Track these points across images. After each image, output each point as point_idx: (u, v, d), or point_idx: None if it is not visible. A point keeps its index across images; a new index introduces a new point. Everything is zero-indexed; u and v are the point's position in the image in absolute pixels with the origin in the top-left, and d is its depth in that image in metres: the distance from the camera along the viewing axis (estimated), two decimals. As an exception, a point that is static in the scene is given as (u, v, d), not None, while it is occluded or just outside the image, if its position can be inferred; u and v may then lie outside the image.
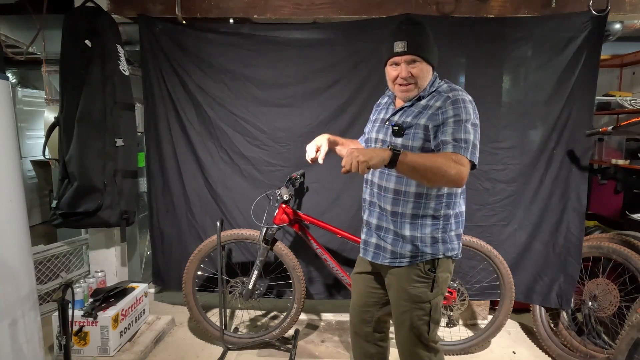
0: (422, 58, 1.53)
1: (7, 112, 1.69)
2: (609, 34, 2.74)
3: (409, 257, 1.60)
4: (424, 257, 1.58)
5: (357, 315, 1.86)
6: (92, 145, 2.43)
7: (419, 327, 1.62)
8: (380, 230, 1.66)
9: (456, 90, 1.53)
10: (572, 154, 2.57)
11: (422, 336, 1.63)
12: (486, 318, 2.89)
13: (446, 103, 1.49)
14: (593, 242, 2.57)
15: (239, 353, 2.57)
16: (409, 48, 1.50)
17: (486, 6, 2.57)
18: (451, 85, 1.58)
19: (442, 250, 1.59)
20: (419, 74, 1.53)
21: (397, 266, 1.63)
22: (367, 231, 1.73)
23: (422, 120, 1.52)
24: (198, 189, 2.79)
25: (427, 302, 1.60)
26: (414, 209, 1.58)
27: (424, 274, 1.59)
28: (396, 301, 1.67)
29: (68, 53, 2.44)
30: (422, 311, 1.61)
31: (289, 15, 2.65)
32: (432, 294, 1.60)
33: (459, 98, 1.49)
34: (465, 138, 1.44)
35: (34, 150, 5.03)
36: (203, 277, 2.77)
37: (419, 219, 1.58)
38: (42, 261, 2.94)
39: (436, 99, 1.53)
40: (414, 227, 1.59)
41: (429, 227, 1.58)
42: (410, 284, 1.60)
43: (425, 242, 1.58)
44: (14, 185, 1.72)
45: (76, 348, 2.34)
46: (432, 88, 1.58)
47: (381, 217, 1.65)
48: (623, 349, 1.90)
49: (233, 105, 2.70)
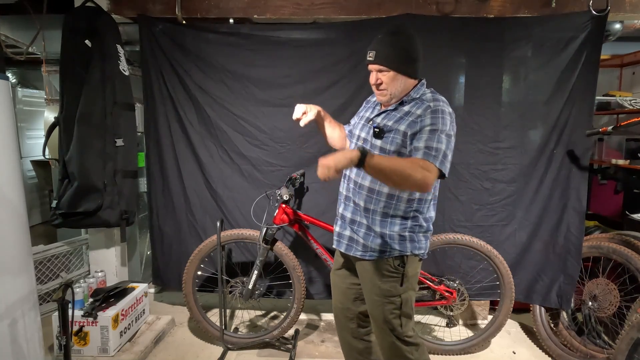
0: (389, 68, 1.59)
1: (7, 112, 1.69)
2: (609, 34, 2.74)
3: (378, 251, 1.68)
4: (392, 253, 1.67)
5: (340, 313, 1.92)
6: (92, 145, 2.43)
7: (391, 321, 1.70)
8: (354, 224, 1.74)
9: (438, 101, 1.60)
10: (572, 154, 2.57)
11: (395, 330, 1.71)
12: (486, 318, 2.89)
13: (426, 112, 1.56)
14: (593, 242, 2.57)
15: (239, 353, 2.57)
16: (375, 58, 1.60)
17: (486, 6, 2.57)
18: (435, 95, 1.64)
19: (409, 248, 1.67)
20: (388, 82, 1.61)
21: (367, 259, 1.71)
22: (342, 224, 1.80)
23: (402, 126, 1.59)
24: (198, 189, 2.79)
25: (397, 296, 1.69)
26: (385, 208, 1.66)
27: (394, 269, 1.68)
28: (369, 296, 1.75)
29: (68, 53, 2.44)
30: (392, 305, 1.69)
31: (289, 15, 2.65)
32: (402, 289, 1.69)
33: (439, 109, 1.56)
34: (437, 147, 1.50)
35: (34, 150, 5.03)
36: (203, 277, 2.77)
37: (389, 217, 1.66)
38: (42, 261, 2.94)
39: (418, 107, 1.60)
40: (383, 225, 1.67)
41: (398, 226, 1.66)
42: (381, 279, 1.69)
43: (394, 239, 1.67)
44: (14, 185, 1.72)
45: (76, 348, 2.34)
46: (415, 94, 1.64)
47: (355, 211, 1.73)
48: (623, 349, 1.90)
49: (233, 105, 2.70)
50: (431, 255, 2.67)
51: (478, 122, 2.62)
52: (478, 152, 2.63)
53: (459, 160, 2.64)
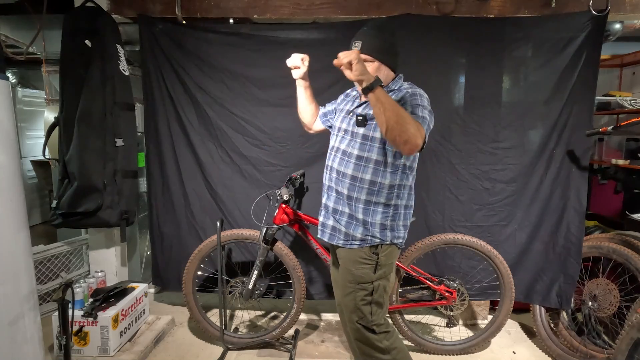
0: (374, 58, 1.69)
1: (7, 112, 1.69)
2: (609, 34, 2.75)
3: (359, 239, 1.74)
4: (373, 241, 1.73)
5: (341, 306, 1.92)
6: (92, 145, 2.43)
7: (361, 308, 1.75)
8: (337, 213, 1.80)
9: (415, 87, 1.72)
10: (572, 154, 2.58)
11: (365, 317, 1.75)
12: (486, 318, 2.89)
13: (406, 96, 1.68)
14: (593, 242, 2.57)
15: (239, 353, 2.57)
16: (362, 48, 1.68)
17: (486, 6, 2.57)
18: (413, 86, 1.75)
19: (389, 237, 1.74)
20: (372, 72, 1.66)
21: (348, 247, 1.76)
22: (325, 214, 1.87)
23: None
24: (198, 189, 2.79)
25: (369, 282, 1.74)
26: (368, 196, 1.72)
27: (368, 257, 1.74)
28: (342, 283, 1.79)
29: (68, 53, 2.44)
30: (364, 291, 1.74)
31: (289, 15, 2.65)
32: (375, 276, 1.74)
33: (417, 92, 1.68)
34: (422, 116, 1.60)
35: (34, 150, 5.03)
36: (203, 277, 2.77)
37: (372, 205, 1.73)
38: (42, 261, 2.94)
39: (397, 95, 1.71)
40: (366, 212, 1.73)
41: (380, 215, 1.73)
42: (355, 266, 1.75)
43: (375, 227, 1.73)
44: (14, 185, 1.72)
45: (76, 348, 2.34)
46: (394, 86, 1.76)
47: (338, 200, 1.79)
48: (623, 349, 1.90)
49: (233, 105, 2.70)
50: (431, 255, 2.67)
51: (478, 122, 2.62)
52: (478, 152, 2.63)
53: (459, 160, 2.65)
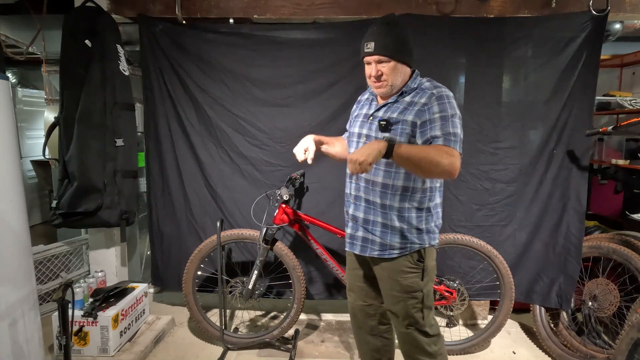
0: (390, 58, 1.59)
1: (7, 112, 1.69)
2: (609, 34, 2.74)
3: (398, 247, 1.67)
4: (413, 247, 1.67)
5: (360, 311, 1.89)
6: (92, 145, 2.43)
7: (413, 315, 1.70)
8: (368, 223, 1.71)
9: (440, 87, 1.61)
10: (572, 154, 2.58)
11: (418, 323, 1.71)
12: (486, 318, 2.89)
13: (431, 99, 1.57)
14: (593, 242, 2.57)
15: (239, 353, 2.57)
16: (375, 49, 1.58)
17: (486, 6, 2.57)
18: (433, 82, 1.65)
19: (427, 240, 1.69)
20: (388, 72, 1.60)
21: (386, 257, 1.69)
22: (353, 225, 1.78)
23: (410, 117, 1.59)
24: (198, 189, 2.79)
25: (419, 290, 1.68)
26: (402, 202, 1.65)
27: (414, 265, 1.67)
28: (389, 292, 1.73)
29: (68, 53, 2.44)
30: (415, 300, 1.69)
31: (289, 15, 2.65)
32: (423, 283, 1.69)
33: (443, 94, 1.57)
34: (453, 132, 1.52)
35: (34, 150, 5.02)
36: (203, 277, 2.77)
37: (406, 211, 1.66)
38: (42, 261, 2.94)
39: (420, 96, 1.60)
40: (401, 219, 1.66)
41: (415, 219, 1.67)
42: (402, 275, 1.68)
43: (412, 232, 1.67)
44: (14, 185, 1.72)
45: (76, 348, 2.34)
46: (413, 84, 1.65)
47: (368, 210, 1.71)
48: (623, 349, 1.90)
49: (233, 105, 2.70)
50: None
51: (478, 122, 2.62)
52: (478, 152, 2.63)
53: (459, 160, 2.64)
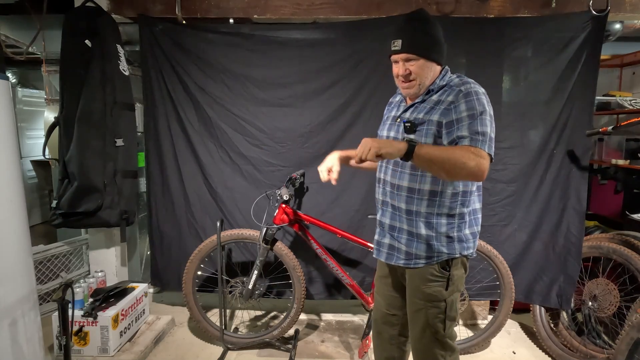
0: (419, 55, 1.50)
1: (7, 112, 1.69)
2: (609, 34, 2.74)
3: (425, 257, 1.56)
4: (441, 256, 1.55)
5: (382, 318, 1.82)
6: (92, 145, 2.43)
7: (435, 325, 1.59)
8: (394, 230, 1.62)
9: (468, 83, 1.49)
10: (572, 154, 2.58)
11: (438, 333, 1.60)
12: (486, 318, 2.89)
13: (458, 97, 1.46)
14: (593, 242, 2.57)
15: (239, 353, 2.57)
16: (402, 47, 1.50)
17: (486, 6, 2.57)
18: (463, 78, 1.54)
19: (458, 250, 1.56)
20: (417, 71, 1.51)
21: (412, 267, 1.59)
22: (380, 231, 1.69)
23: (435, 116, 1.49)
24: (198, 189, 2.79)
25: (442, 300, 1.57)
26: (429, 207, 1.54)
27: (439, 273, 1.56)
28: (410, 299, 1.64)
29: (68, 53, 2.44)
30: (437, 309, 1.58)
31: (289, 15, 2.65)
32: (447, 292, 1.57)
33: (471, 90, 1.46)
34: (482, 131, 1.40)
35: (34, 150, 5.02)
36: (203, 277, 2.77)
37: (434, 217, 1.54)
38: (42, 261, 2.94)
39: (448, 94, 1.50)
40: (429, 226, 1.55)
41: (445, 226, 1.54)
42: (425, 283, 1.57)
43: (441, 241, 1.54)
44: (14, 185, 1.72)
45: (76, 348, 2.34)
46: (442, 82, 1.55)
47: (394, 216, 1.62)
48: (623, 349, 1.90)
49: (233, 105, 2.70)
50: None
51: (478, 122, 2.61)
52: (478, 152, 2.63)
53: (459, 160, 2.64)
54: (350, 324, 2.95)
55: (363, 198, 2.69)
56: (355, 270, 2.77)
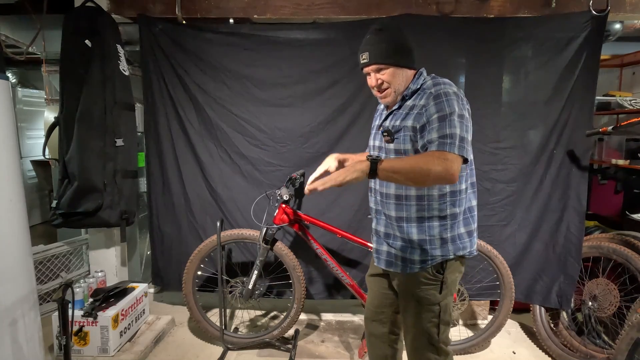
0: (387, 64, 1.52)
1: (7, 112, 1.69)
2: (609, 34, 2.74)
3: (419, 262, 1.56)
4: (434, 260, 1.55)
5: (373, 316, 1.84)
6: (92, 145, 2.43)
7: (429, 330, 1.60)
8: (389, 237, 1.64)
9: (439, 85, 1.50)
10: (572, 154, 2.58)
11: (433, 338, 1.60)
12: (486, 318, 2.89)
13: (429, 100, 1.47)
14: (593, 242, 2.57)
15: (239, 353, 2.57)
16: (370, 58, 1.53)
17: (486, 6, 2.57)
18: (436, 79, 1.55)
19: (452, 251, 1.55)
20: (389, 79, 1.54)
21: (408, 272, 1.60)
22: (377, 240, 1.71)
23: (409, 122, 1.50)
24: (198, 189, 2.79)
25: (436, 304, 1.57)
26: (419, 212, 1.55)
27: (432, 276, 1.56)
28: (405, 304, 1.65)
29: (68, 53, 2.44)
30: (431, 313, 1.58)
31: (289, 15, 2.65)
32: (441, 296, 1.57)
33: (441, 92, 1.46)
34: (450, 133, 1.40)
35: (34, 150, 5.03)
36: (203, 277, 2.77)
37: (425, 221, 1.55)
38: (42, 261, 2.94)
39: (420, 97, 1.51)
40: (421, 230, 1.55)
41: (437, 229, 1.54)
42: (419, 287, 1.58)
43: (434, 244, 1.55)
44: (14, 185, 1.72)
45: (76, 348, 2.34)
46: (415, 85, 1.56)
47: (388, 224, 1.63)
48: (623, 349, 1.90)
49: (233, 105, 2.70)
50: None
51: (478, 122, 2.60)
52: (478, 152, 2.62)
53: (459, 160, 2.64)
54: (350, 324, 2.95)
55: (363, 198, 2.69)
56: (355, 270, 2.77)
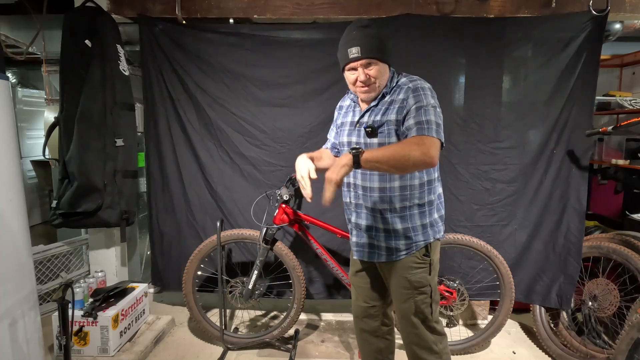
0: (377, 59, 1.58)
1: (7, 112, 1.69)
2: (609, 34, 2.75)
3: (404, 249, 1.67)
4: (418, 245, 1.67)
5: (363, 312, 1.89)
6: (92, 145, 2.43)
7: (423, 311, 1.69)
8: (371, 230, 1.72)
9: (415, 80, 1.61)
10: (572, 154, 2.58)
11: (427, 319, 1.70)
12: (486, 318, 2.89)
13: (408, 93, 1.57)
14: (593, 242, 2.57)
15: (239, 353, 2.57)
16: (362, 52, 1.56)
17: (486, 6, 2.57)
18: (410, 76, 1.65)
19: (432, 235, 1.69)
20: (377, 74, 1.60)
21: (394, 260, 1.69)
22: (358, 233, 1.77)
23: (392, 116, 1.59)
24: (198, 189, 2.79)
25: (427, 285, 1.69)
26: (402, 202, 1.65)
27: (421, 260, 1.68)
28: (397, 290, 1.72)
29: (68, 53, 2.44)
30: (424, 295, 1.69)
31: (289, 15, 2.65)
32: (431, 277, 1.70)
33: (418, 86, 1.58)
34: (426, 119, 1.50)
35: (34, 150, 5.03)
36: (203, 277, 2.77)
37: (407, 210, 1.66)
38: (42, 261, 2.94)
39: (398, 93, 1.61)
40: (404, 219, 1.66)
41: (417, 216, 1.66)
42: (410, 272, 1.68)
43: (417, 230, 1.67)
44: (14, 185, 1.72)
45: (76, 348, 2.34)
46: (392, 83, 1.65)
47: (369, 217, 1.71)
48: (623, 349, 1.90)
49: (233, 105, 2.70)
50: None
51: (478, 122, 2.62)
52: (478, 152, 2.63)
53: (458, 160, 2.65)
54: (350, 324, 2.94)
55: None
56: (355, 270, 2.77)
